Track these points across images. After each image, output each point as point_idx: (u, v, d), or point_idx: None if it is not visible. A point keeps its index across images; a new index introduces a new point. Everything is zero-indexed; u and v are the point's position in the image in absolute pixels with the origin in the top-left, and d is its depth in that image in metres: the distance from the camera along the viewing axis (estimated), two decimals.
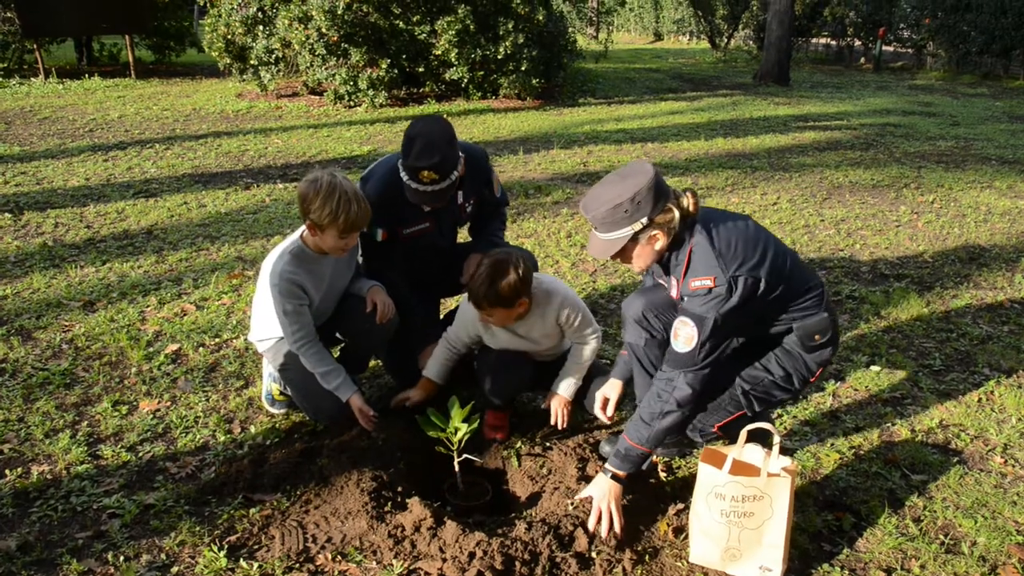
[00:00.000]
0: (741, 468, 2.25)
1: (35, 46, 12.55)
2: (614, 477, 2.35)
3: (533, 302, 2.77)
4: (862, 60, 18.79)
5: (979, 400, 3.31)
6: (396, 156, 2.89)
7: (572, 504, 2.43)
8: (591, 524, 2.32)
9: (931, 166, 7.67)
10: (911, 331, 3.96)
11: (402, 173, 2.75)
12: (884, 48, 17.81)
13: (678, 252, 2.30)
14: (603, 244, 2.26)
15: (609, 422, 2.81)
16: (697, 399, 2.32)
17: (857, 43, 19.04)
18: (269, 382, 3.08)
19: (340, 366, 2.82)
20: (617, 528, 2.31)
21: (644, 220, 2.18)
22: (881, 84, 14.67)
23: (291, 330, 2.71)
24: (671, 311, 2.47)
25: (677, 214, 2.23)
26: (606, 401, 2.73)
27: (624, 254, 2.28)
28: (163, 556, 2.31)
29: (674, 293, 2.36)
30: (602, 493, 2.34)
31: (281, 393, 3.05)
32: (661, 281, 2.55)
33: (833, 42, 19.94)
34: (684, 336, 2.22)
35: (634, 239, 2.22)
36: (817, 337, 2.39)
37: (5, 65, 13.45)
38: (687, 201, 2.25)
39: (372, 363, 3.50)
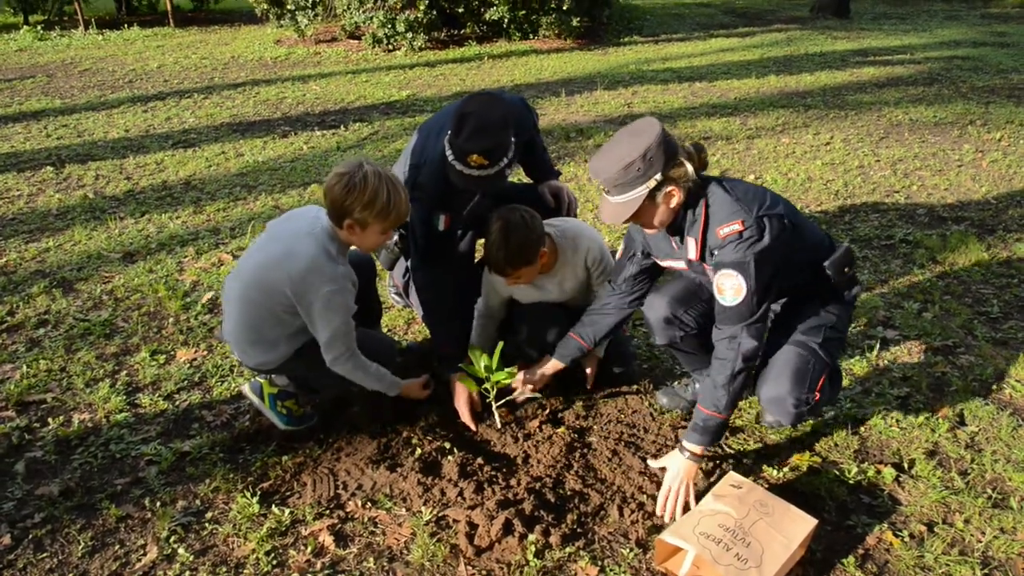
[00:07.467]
0: None
1: None
2: (691, 456, 2.25)
3: (561, 252, 2.69)
4: None
5: None
6: (444, 133, 2.60)
7: (648, 466, 2.43)
8: (658, 508, 2.25)
9: (1001, 101, 7.20)
10: (968, 277, 3.76)
11: (448, 151, 2.47)
12: None
13: (693, 210, 2.19)
14: (617, 207, 2.13)
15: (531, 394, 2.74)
16: (759, 354, 2.23)
17: None
18: (275, 406, 2.65)
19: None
20: (678, 512, 2.23)
21: (658, 176, 2.07)
22: (951, 13, 13.78)
23: (345, 342, 2.38)
24: (697, 301, 2.39)
25: (690, 167, 2.13)
26: (541, 377, 2.68)
27: (640, 215, 2.15)
28: (198, 502, 2.36)
29: (692, 255, 2.24)
30: (676, 472, 2.26)
31: (294, 403, 2.68)
32: (669, 263, 2.38)
33: None
34: (731, 287, 2.12)
35: (650, 197, 2.10)
36: (846, 270, 2.32)
37: (45, 17, 13.59)
38: (697, 154, 2.16)
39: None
